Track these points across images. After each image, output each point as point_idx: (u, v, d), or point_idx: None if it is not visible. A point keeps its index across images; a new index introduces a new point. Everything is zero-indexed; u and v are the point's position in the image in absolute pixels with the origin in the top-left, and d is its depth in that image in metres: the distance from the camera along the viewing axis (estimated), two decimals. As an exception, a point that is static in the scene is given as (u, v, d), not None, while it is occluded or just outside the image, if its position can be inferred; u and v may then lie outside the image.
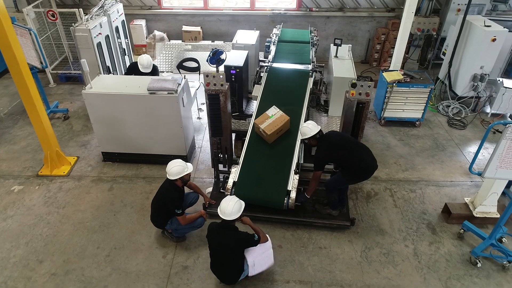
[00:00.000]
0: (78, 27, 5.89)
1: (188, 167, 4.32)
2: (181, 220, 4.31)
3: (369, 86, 4.35)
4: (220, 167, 5.37)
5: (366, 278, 4.27)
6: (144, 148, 5.75)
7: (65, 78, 8.29)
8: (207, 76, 4.53)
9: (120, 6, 7.11)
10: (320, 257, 4.49)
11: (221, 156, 5.23)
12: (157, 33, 8.86)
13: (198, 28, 8.93)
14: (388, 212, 5.14)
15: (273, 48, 6.46)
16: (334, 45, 5.90)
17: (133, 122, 5.46)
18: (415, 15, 6.97)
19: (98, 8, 6.58)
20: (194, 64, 7.13)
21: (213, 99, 4.68)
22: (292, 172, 4.67)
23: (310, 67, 5.86)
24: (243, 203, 3.80)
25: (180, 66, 7.15)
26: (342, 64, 5.74)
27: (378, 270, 4.37)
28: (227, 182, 4.75)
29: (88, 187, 5.51)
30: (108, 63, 6.58)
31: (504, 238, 4.62)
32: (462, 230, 4.71)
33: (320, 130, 4.38)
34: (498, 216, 4.82)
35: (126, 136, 5.62)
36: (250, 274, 3.93)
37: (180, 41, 8.95)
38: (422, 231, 4.86)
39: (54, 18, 7.43)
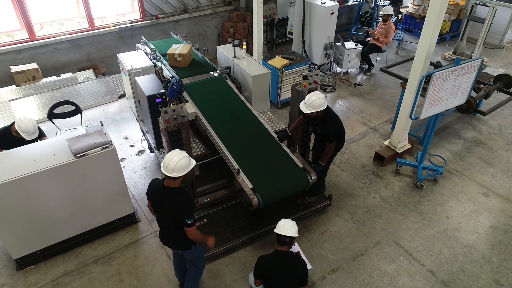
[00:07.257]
0: None
1: (190, 158, 3.42)
2: (192, 232, 3.33)
3: (316, 75, 4.68)
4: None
5: (371, 237, 4.81)
6: (79, 227, 4.48)
7: None
8: (166, 112, 3.86)
9: None
10: (329, 241, 4.74)
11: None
12: (-25, 84, 6.60)
13: (33, 65, 7.10)
14: (342, 177, 5.78)
15: (163, 66, 5.90)
16: (233, 46, 5.89)
17: (58, 202, 4.13)
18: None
19: None
20: (70, 107, 5.85)
21: (175, 136, 4.05)
22: (290, 152, 4.61)
23: (216, 72, 5.77)
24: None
25: (53, 116, 5.73)
26: (249, 63, 5.82)
27: (373, 226, 4.97)
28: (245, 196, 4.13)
29: (28, 312, 3.95)
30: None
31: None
32: (398, 167, 5.81)
33: None
34: (410, 146, 6.17)
35: (51, 223, 4.22)
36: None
37: (13, 87, 6.96)
38: (374, 181, 5.73)
39: None
